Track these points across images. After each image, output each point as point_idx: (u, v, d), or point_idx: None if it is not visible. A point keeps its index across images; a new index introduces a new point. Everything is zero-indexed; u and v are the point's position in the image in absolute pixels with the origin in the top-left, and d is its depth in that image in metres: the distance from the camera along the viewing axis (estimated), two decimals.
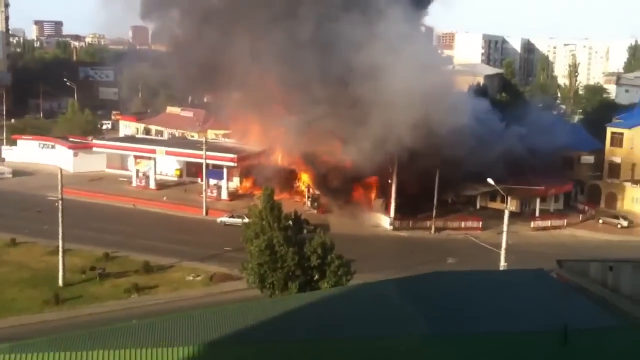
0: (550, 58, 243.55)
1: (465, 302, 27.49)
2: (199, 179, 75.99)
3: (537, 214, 71.15)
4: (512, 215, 58.07)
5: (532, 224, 68.01)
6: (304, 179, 74.26)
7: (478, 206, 72.64)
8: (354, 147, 63.47)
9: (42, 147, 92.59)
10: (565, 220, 69.96)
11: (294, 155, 73.13)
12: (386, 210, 67.09)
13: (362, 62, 61.46)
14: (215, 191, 74.32)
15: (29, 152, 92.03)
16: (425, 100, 59.60)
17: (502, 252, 46.48)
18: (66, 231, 49.02)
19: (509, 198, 55.57)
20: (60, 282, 47.90)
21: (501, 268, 45.37)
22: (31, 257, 53.87)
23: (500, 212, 57.85)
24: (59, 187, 49.48)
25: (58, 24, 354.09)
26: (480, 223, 66.17)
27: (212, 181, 74.50)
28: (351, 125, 63.09)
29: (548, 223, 68.99)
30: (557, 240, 64.68)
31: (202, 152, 71.09)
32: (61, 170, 52.27)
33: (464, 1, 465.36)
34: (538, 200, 71.80)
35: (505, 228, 47.58)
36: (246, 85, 70.41)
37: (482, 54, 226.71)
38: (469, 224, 66.63)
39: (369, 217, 67.68)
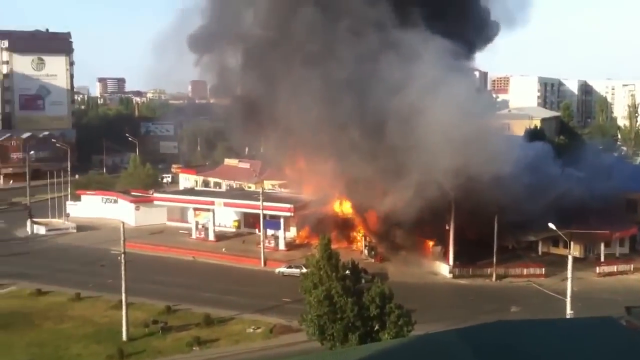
0: (609, 99, 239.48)
1: (531, 353, 26.73)
2: (257, 230, 76.65)
3: (602, 259, 69.05)
4: (576, 260, 56.71)
5: (597, 270, 65.93)
6: (360, 228, 74.04)
7: (540, 252, 70.96)
8: (395, 195, 63.16)
9: (105, 202, 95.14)
10: (632, 265, 67.58)
11: (349, 204, 73.31)
12: (445, 257, 66.18)
13: (397, 106, 61.44)
14: (272, 241, 74.78)
15: (93, 207, 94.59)
16: (462, 146, 58.78)
17: (568, 300, 45.18)
18: (129, 285, 49.93)
19: (572, 243, 54.24)
20: (124, 337, 48.54)
21: (567, 316, 44.04)
22: (95, 312, 54.90)
23: (564, 258, 56.60)
24: (122, 241, 50.62)
25: (121, 81, 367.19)
26: (543, 269, 64.50)
27: (270, 231, 75.06)
28: (389, 173, 63.06)
29: (614, 268, 66.79)
30: (625, 286, 62.43)
31: (259, 203, 71.90)
32: (123, 224, 53.51)
33: (518, 45, 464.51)
34: (602, 245, 69.73)
35: (569, 274, 46.34)
36: (295, 134, 71.14)
37: (538, 97, 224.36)
38: (532, 270, 64.99)
39: (427, 265, 66.83)
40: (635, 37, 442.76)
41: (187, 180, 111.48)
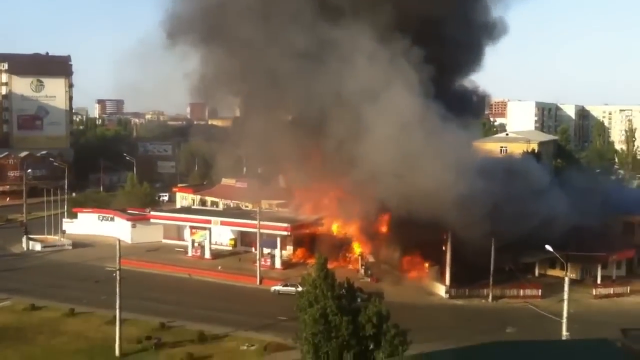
0: (606, 124, 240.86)
1: None
2: (253, 248, 76.52)
3: (598, 281, 68.90)
4: (573, 282, 56.56)
5: (594, 292, 65.77)
6: (357, 247, 74.01)
7: (537, 274, 70.87)
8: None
9: (102, 220, 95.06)
10: (629, 288, 67.43)
11: (346, 224, 73.44)
12: (441, 278, 66.00)
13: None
14: (269, 260, 74.64)
15: (89, 225, 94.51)
16: (401, 162, 59.36)
17: (564, 321, 44.99)
18: (123, 301, 49.68)
19: (568, 265, 54.12)
20: (117, 353, 48.25)
21: (563, 338, 43.85)
22: (89, 327, 54.61)
23: (560, 280, 56.35)
24: (117, 258, 50.48)
25: (119, 102, 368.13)
26: (540, 291, 64.33)
27: (266, 250, 74.94)
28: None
29: (611, 290, 66.63)
30: (621, 308, 62.24)
31: (256, 222, 71.84)
32: (119, 241, 53.44)
33: (516, 69, 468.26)
34: (599, 267, 69.62)
35: (566, 296, 46.20)
36: (290, 155, 71.68)
37: (536, 121, 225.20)
38: (528, 292, 64.80)
39: (423, 285, 66.62)
40: (632, 62, 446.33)
41: (184, 199, 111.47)
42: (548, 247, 50.86)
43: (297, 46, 65.13)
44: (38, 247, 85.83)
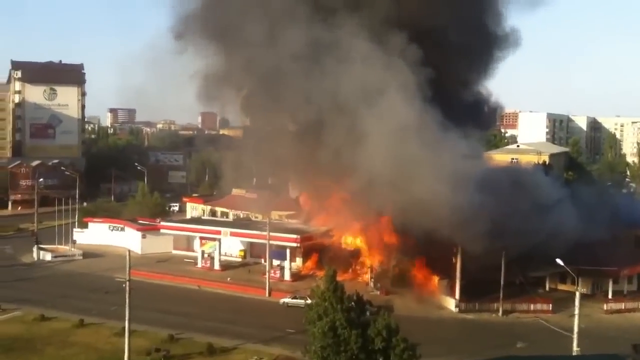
0: (618, 136, 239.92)
1: None
2: (263, 260, 76.49)
3: (610, 296, 68.38)
4: (584, 297, 56.17)
5: (605, 307, 65.25)
6: (366, 259, 73.75)
7: (547, 288, 70.43)
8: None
9: (112, 230, 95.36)
10: None
11: (357, 235, 73.27)
12: (451, 291, 65.70)
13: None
14: (278, 272, 74.54)
15: (99, 235, 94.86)
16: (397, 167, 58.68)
17: (575, 336, 44.66)
18: (132, 312, 49.60)
19: (579, 279, 53.77)
20: None
21: (574, 353, 43.54)
22: (98, 339, 54.64)
23: (571, 294, 56.11)
24: (127, 269, 50.52)
25: (131, 111, 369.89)
26: (550, 305, 63.92)
27: (275, 262, 74.87)
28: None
29: (622, 305, 66.07)
30: (632, 323, 61.68)
31: (266, 233, 71.85)
32: (129, 251, 53.44)
33: (527, 81, 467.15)
34: (611, 282, 69.13)
35: (577, 311, 45.88)
36: (291, 161, 71.70)
37: (547, 133, 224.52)
38: (539, 306, 64.39)
39: (433, 299, 66.33)
40: None
41: (194, 209, 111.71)
42: (559, 261, 50.54)
43: (292, 46, 64.71)
44: (48, 257, 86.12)
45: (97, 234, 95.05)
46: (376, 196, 60.82)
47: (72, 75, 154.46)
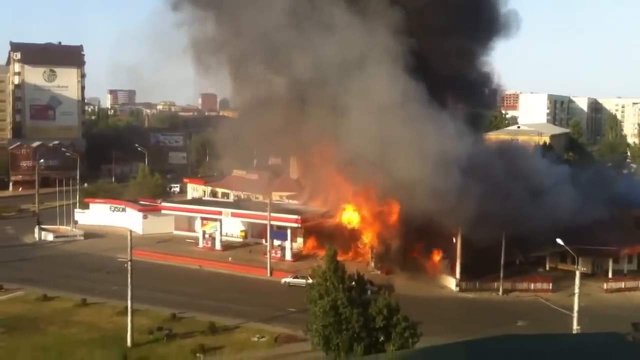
0: (619, 117, 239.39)
1: None
2: (264, 240, 76.70)
3: (610, 275, 68.67)
4: (584, 276, 56.44)
5: (605, 286, 65.60)
6: (367, 240, 73.86)
7: (547, 267, 70.70)
8: None
9: (113, 210, 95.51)
10: None
11: (357, 215, 73.28)
12: (452, 271, 65.95)
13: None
14: (279, 252, 74.80)
15: (101, 215, 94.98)
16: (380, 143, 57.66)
17: (575, 315, 44.95)
18: (135, 292, 49.98)
19: (579, 259, 53.94)
20: (129, 343, 48.60)
21: (574, 331, 43.80)
22: (101, 318, 55.01)
23: (571, 274, 56.31)
24: (129, 249, 50.74)
25: (131, 93, 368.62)
26: (551, 284, 64.25)
27: (277, 242, 75.11)
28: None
29: (622, 285, 66.43)
30: (632, 302, 62.00)
31: (267, 214, 71.99)
32: (131, 232, 53.63)
33: (528, 62, 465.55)
34: (611, 261, 69.38)
35: (577, 290, 46.12)
36: (304, 148, 71.33)
37: (548, 114, 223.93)
38: (539, 285, 64.71)
39: (434, 278, 66.56)
40: None
41: (195, 190, 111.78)
42: (559, 240, 50.71)
43: (274, 15, 64.04)
44: (50, 237, 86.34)
45: (98, 215, 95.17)
46: (361, 174, 60.20)
47: (71, 56, 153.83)
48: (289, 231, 75.41)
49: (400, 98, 60.12)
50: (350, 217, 75.63)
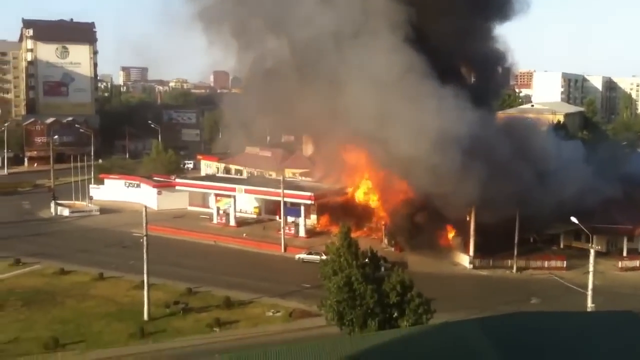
0: (633, 95, 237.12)
1: (549, 345, 26.73)
2: (277, 217, 77.02)
3: (624, 253, 68.54)
4: (598, 255, 56.20)
5: (619, 264, 65.46)
6: (381, 216, 73.99)
7: (562, 245, 70.60)
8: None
9: (128, 186, 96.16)
10: None
11: (372, 192, 73.36)
12: (465, 248, 66.01)
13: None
14: (293, 228, 75.12)
15: (116, 191, 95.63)
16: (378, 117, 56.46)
17: (589, 293, 44.87)
18: (150, 266, 50.43)
19: (594, 237, 53.78)
20: (146, 316, 49.19)
21: (588, 309, 43.83)
22: (117, 292, 55.64)
23: (586, 252, 56.09)
24: (144, 224, 51.10)
25: (144, 70, 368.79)
26: (565, 262, 64.17)
27: (290, 218, 75.43)
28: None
29: (636, 263, 66.25)
30: None
31: (280, 191, 72.22)
32: (146, 207, 53.96)
33: (542, 40, 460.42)
34: (625, 240, 69.21)
35: (591, 268, 46.03)
36: (316, 125, 71.07)
37: (562, 93, 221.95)
38: (553, 263, 64.63)
39: (447, 256, 66.67)
40: None
41: (208, 167, 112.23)
42: (574, 219, 50.56)
43: None
44: (66, 212, 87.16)
45: (113, 191, 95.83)
46: (361, 151, 59.54)
47: (83, 33, 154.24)
48: (302, 208, 75.65)
49: (400, 71, 58.80)
50: (363, 193, 75.87)
